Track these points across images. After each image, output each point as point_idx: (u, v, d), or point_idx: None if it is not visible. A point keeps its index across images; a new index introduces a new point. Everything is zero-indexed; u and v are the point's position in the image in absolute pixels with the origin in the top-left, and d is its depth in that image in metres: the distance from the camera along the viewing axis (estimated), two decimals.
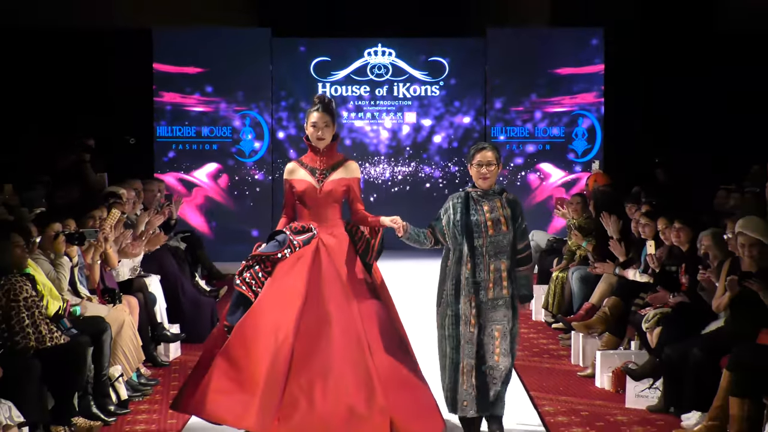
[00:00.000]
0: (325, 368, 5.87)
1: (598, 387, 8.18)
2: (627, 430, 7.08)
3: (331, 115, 6.08)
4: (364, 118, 13.51)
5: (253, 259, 6.03)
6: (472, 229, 6.09)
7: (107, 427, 7.03)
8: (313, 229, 6.13)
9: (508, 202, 6.13)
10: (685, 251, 7.92)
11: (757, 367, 6.11)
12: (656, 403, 7.31)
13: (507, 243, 6.10)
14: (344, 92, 13.22)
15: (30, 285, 6.66)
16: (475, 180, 6.14)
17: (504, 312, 6.11)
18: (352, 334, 5.95)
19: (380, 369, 5.90)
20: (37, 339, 6.43)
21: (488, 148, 6.12)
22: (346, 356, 5.88)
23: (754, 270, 6.59)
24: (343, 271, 6.11)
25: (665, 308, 7.61)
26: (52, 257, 7.32)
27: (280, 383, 5.82)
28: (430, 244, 6.27)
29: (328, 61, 13.26)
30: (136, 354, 7.74)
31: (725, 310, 6.93)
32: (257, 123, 13.18)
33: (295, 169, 6.24)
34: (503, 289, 6.11)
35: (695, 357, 6.73)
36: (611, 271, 8.79)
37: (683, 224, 8.04)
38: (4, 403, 5.59)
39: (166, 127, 13.05)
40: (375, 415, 5.77)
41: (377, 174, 13.43)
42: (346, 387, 5.83)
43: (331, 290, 6.03)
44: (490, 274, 6.09)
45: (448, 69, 13.31)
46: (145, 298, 8.41)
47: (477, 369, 6.12)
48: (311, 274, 6.06)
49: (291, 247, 6.07)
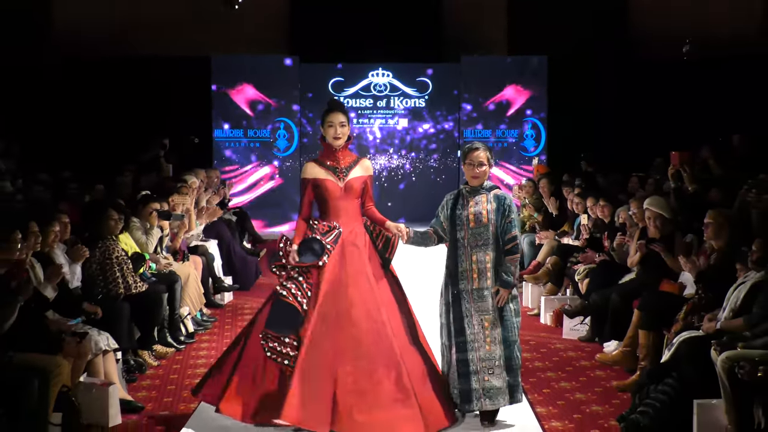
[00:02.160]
0: (358, 358, 5.01)
1: (542, 323, 8.37)
2: (564, 354, 7.23)
3: (345, 115, 5.35)
4: (368, 124, 13.50)
5: (295, 270, 5.16)
6: (457, 222, 5.28)
7: (178, 352, 7.26)
8: (338, 227, 5.25)
9: (495, 197, 5.26)
10: (607, 222, 8.02)
11: (660, 307, 6.43)
12: (585, 334, 7.59)
13: (489, 236, 5.21)
14: (353, 104, 13.38)
15: (120, 247, 6.58)
16: (468, 178, 5.34)
17: (492, 303, 5.19)
18: (383, 319, 5.14)
19: (405, 359, 5.10)
20: (125, 287, 6.64)
21: (481, 149, 5.28)
22: (377, 348, 5.05)
23: (657, 237, 6.92)
24: (367, 266, 5.28)
25: (592, 264, 7.75)
26: (147, 227, 7.38)
27: (319, 375, 4.96)
28: (434, 243, 5.47)
29: (342, 81, 13.44)
30: (199, 298, 8.07)
31: (636, 266, 7.01)
32: (288, 127, 13.24)
33: (314, 167, 5.35)
34: (488, 279, 5.19)
35: (614, 300, 6.99)
36: (552, 237, 8.84)
37: (606, 202, 8.29)
38: (103, 334, 5.83)
39: (221, 130, 13.06)
40: (411, 404, 4.97)
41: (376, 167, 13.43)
42: (381, 378, 4.99)
43: (357, 284, 5.18)
44: (471, 264, 5.20)
45: (432, 87, 13.47)
46: (206, 258, 8.76)
47: (464, 363, 5.18)
48: (339, 269, 5.19)
49: (327, 253, 5.17)
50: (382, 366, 5.02)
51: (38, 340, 5.29)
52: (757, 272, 5.47)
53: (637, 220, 7.41)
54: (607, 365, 6.70)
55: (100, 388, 5.51)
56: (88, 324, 5.93)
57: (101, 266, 6.71)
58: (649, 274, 6.88)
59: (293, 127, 13.62)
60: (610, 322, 6.98)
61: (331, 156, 5.37)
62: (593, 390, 6.16)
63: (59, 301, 5.89)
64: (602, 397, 6.02)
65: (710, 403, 5.12)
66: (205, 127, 13.57)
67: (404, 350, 5.14)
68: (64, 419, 5.07)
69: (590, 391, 6.15)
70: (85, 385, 5.51)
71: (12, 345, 5.05)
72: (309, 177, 5.35)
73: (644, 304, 6.44)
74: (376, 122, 13.78)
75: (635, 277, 7.11)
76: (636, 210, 7.46)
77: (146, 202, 7.86)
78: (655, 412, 5.27)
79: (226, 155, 13.58)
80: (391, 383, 4.99)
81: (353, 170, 5.36)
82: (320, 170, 5.34)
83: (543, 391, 6.12)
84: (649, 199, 7.25)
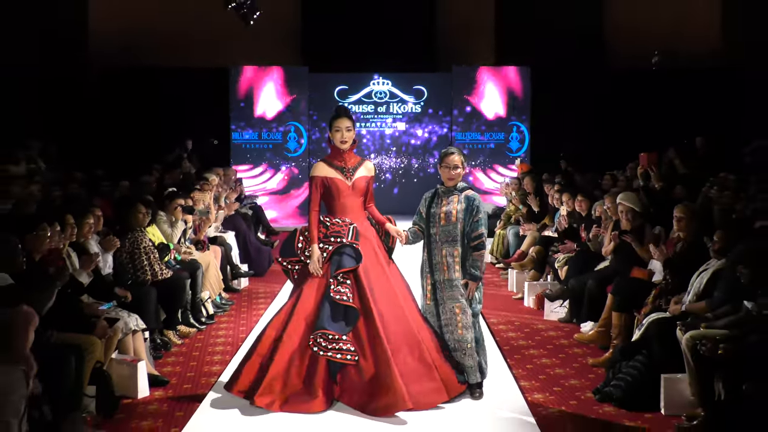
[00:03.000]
0: (396, 333, 4.99)
1: (525, 306, 8.30)
2: (545, 334, 7.22)
3: (351, 121, 5.29)
4: (370, 127, 13.46)
5: (344, 275, 5.03)
6: (431, 219, 5.26)
7: (200, 332, 7.25)
8: (351, 222, 5.20)
9: (465, 197, 5.22)
10: (584, 215, 7.99)
11: (631, 292, 6.46)
12: (564, 316, 7.60)
13: (458, 233, 5.17)
14: (356, 110, 13.31)
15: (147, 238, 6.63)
16: (444, 179, 5.29)
17: (461, 292, 5.17)
18: (402, 305, 5.14)
19: (422, 337, 5.08)
20: (152, 274, 6.67)
21: (456, 154, 5.28)
22: (406, 324, 5.06)
23: (629, 228, 6.94)
24: (378, 255, 5.26)
25: (570, 253, 7.72)
26: (173, 220, 7.44)
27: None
28: (422, 238, 5.34)
29: (346, 88, 13.41)
30: (218, 284, 8.09)
31: (610, 254, 7.01)
32: (298, 130, 13.17)
33: (324, 167, 5.27)
34: (456, 272, 5.17)
35: (590, 286, 7.02)
36: (534, 229, 8.82)
37: (584, 197, 8.22)
38: (132, 316, 5.84)
39: (238, 133, 13.04)
40: (434, 373, 5.01)
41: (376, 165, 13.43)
42: (410, 349, 4.99)
43: (375, 274, 5.15)
44: (442, 257, 5.19)
45: (427, 94, 13.44)
46: (225, 247, 8.74)
47: (447, 341, 5.21)
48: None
49: (361, 256, 5.12)
50: (406, 345, 5.00)
51: (74, 321, 5.30)
52: (718, 260, 5.49)
53: (611, 213, 7.41)
54: (584, 344, 6.69)
55: (129, 364, 5.52)
56: (119, 307, 5.93)
57: (131, 255, 6.73)
58: (621, 262, 6.87)
59: (303, 131, 13.61)
60: (586, 305, 6.98)
61: (339, 157, 5.31)
62: (571, 366, 6.17)
63: (93, 286, 5.91)
64: (579, 372, 6.02)
65: (676, 377, 5.15)
66: (223, 130, 13.58)
67: (419, 329, 5.14)
68: (98, 391, 5.08)
69: (568, 366, 6.15)
70: (117, 362, 5.53)
71: (51, 325, 5.04)
72: (320, 175, 5.27)
73: (617, 288, 6.44)
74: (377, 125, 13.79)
75: (609, 265, 7.10)
76: (610, 204, 7.46)
77: (172, 198, 7.88)
78: (627, 386, 5.32)
79: (242, 156, 13.59)
80: (415, 360, 4.99)
81: (358, 170, 5.31)
82: (330, 170, 5.27)
83: (526, 367, 6.12)
84: (621, 195, 7.23)
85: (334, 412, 4.97)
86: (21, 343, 4.08)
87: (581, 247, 7.87)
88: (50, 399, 4.66)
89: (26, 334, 4.10)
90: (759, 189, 7.37)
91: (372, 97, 13.67)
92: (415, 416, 4.92)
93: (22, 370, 4.09)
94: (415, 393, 4.90)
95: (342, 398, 5.03)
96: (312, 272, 5.16)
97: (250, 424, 4.85)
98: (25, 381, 4.08)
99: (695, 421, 4.86)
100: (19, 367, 4.09)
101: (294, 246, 5.27)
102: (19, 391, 4.04)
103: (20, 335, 4.08)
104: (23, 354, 4.08)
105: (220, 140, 13.43)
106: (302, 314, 5.09)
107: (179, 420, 5.03)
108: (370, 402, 4.90)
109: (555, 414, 5.18)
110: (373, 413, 4.85)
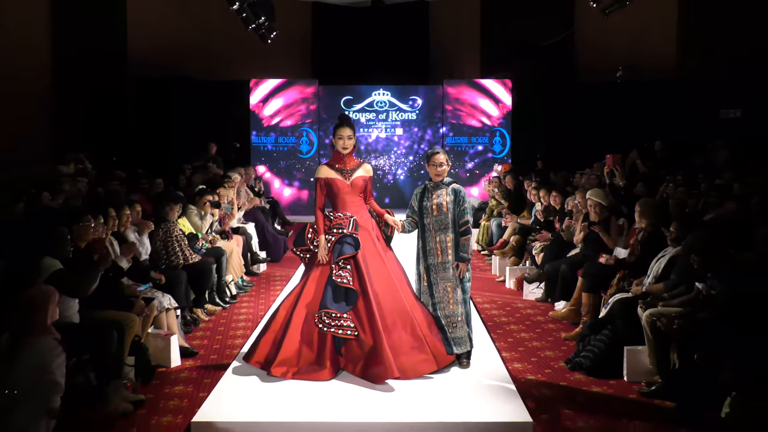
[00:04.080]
0: (382, 317, 4.93)
1: (507, 287, 8.26)
2: (524, 312, 7.22)
3: (352, 129, 5.28)
4: (372, 133, 13.43)
5: (344, 261, 5.00)
6: (424, 211, 5.24)
7: (224, 310, 7.26)
8: (352, 215, 5.16)
9: (452, 190, 5.21)
10: (558, 209, 7.94)
11: (598, 275, 6.45)
12: (540, 296, 7.58)
13: (449, 221, 5.18)
14: (360, 118, 13.22)
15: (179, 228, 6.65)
16: (432, 175, 5.28)
17: (452, 272, 5.18)
18: (397, 287, 5.12)
19: (414, 314, 5.07)
20: (183, 259, 6.66)
21: (440, 153, 5.25)
22: (400, 303, 5.04)
23: (597, 220, 6.91)
24: (376, 244, 5.24)
25: (546, 242, 7.64)
26: (202, 213, 7.36)
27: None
28: (415, 228, 5.34)
29: (351, 98, 13.31)
30: (240, 268, 8.11)
31: (580, 243, 7.01)
32: (309, 135, 13.12)
33: (326, 170, 5.26)
34: (448, 255, 5.16)
35: (563, 270, 7.04)
36: (515, 221, 8.81)
37: (558, 193, 8.16)
38: (166, 296, 5.88)
39: (257, 137, 13.01)
40: (425, 346, 5.01)
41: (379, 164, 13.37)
42: (403, 325, 4.99)
43: (373, 260, 5.12)
44: (436, 244, 5.18)
45: (421, 103, 13.31)
46: (246, 237, 8.68)
47: (437, 319, 5.20)
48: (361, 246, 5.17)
49: (359, 244, 5.11)
50: (399, 322, 5.00)
51: (116, 301, 5.33)
52: (674, 248, 5.50)
53: (581, 207, 7.40)
54: (557, 320, 6.70)
55: (164, 338, 5.54)
56: (155, 288, 5.93)
57: (164, 243, 6.73)
58: (590, 249, 6.86)
59: (313, 135, 13.57)
60: (559, 287, 6.98)
61: (340, 160, 5.28)
62: (546, 339, 6.17)
63: (132, 270, 5.92)
64: (553, 344, 6.03)
65: (637, 348, 5.16)
66: (244, 134, 13.54)
67: (412, 307, 5.12)
68: (137, 361, 5.10)
69: (544, 340, 6.15)
70: (152, 336, 5.54)
71: (95, 305, 5.06)
72: (322, 176, 5.27)
73: (586, 272, 6.44)
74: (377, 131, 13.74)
75: (579, 252, 7.10)
76: (580, 199, 7.45)
77: (201, 195, 7.90)
78: (594, 356, 5.33)
79: (261, 157, 13.55)
80: (408, 335, 4.99)
81: (357, 171, 5.28)
82: (331, 171, 5.26)
83: (507, 341, 6.12)
84: (590, 191, 7.23)
85: (339, 381, 4.95)
86: (43, 317, 4.04)
87: (555, 236, 7.86)
88: (95, 368, 4.69)
89: (46, 309, 4.06)
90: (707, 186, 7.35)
91: (374, 106, 13.60)
92: (410, 384, 4.89)
93: (54, 338, 4.07)
94: (405, 364, 4.90)
95: (347, 367, 5.02)
96: (319, 259, 5.15)
97: (267, 390, 4.85)
98: (61, 348, 4.06)
99: (653, 386, 4.89)
100: (51, 336, 4.07)
101: (305, 237, 5.27)
102: (61, 356, 4.03)
103: (41, 310, 4.04)
104: (46, 326, 4.05)
105: (241, 143, 13.40)
106: (309, 296, 5.10)
107: (206, 386, 5.04)
108: (368, 370, 4.91)
109: (532, 381, 5.19)
110: (371, 379, 4.86)
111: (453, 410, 4.51)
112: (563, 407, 4.71)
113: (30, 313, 4.05)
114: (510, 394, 4.80)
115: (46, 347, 4.00)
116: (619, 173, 8.45)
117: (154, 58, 13.33)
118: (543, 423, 4.46)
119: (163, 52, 13.46)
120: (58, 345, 4.06)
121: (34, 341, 4.00)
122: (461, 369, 5.20)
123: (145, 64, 13.27)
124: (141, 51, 13.22)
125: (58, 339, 4.09)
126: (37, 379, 3.93)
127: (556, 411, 4.65)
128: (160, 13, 13.73)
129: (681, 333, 4.69)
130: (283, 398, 4.70)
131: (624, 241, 6.67)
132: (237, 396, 4.77)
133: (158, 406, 4.75)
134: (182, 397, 4.91)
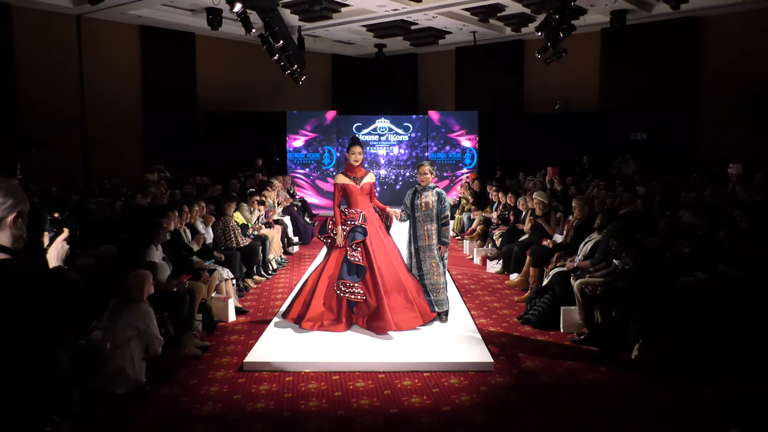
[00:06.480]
0: (383, 285, 4.94)
1: (474, 263, 8.12)
2: (487, 281, 7.12)
3: (362, 147, 5.24)
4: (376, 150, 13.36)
5: (356, 244, 4.96)
6: (415, 207, 5.22)
7: (267, 280, 7.15)
8: (362, 211, 5.11)
9: (436, 193, 5.20)
10: (512, 206, 7.84)
11: (542, 254, 6.36)
12: (499, 270, 7.41)
13: (433, 215, 5.16)
14: (368, 138, 13.15)
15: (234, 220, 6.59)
16: (420, 181, 5.26)
17: (436, 252, 5.16)
18: (394, 263, 5.08)
19: (406, 283, 5.05)
20: (236, 243, 6.60)
21: (426, 165, 5.23)
22: (396, 275, 5.02)
23: (540, 214, 6.81)
24: (379, 232, 5.18)
25: (503, 230, 7.52)
26: (251, 209, 7.29)
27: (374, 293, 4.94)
28: (408, 219, 5.26)
29: (361, 125, 13.20)
30: (279, 249, 7.98)
31: (529, 231, 6.90)
32: (330, 152, 13.04)
33: (342, 177, 5.21)
34: (433, 240, 5.15)
35: (516, 250, 6.97)
36: (480, 215, 8.73)
37: (512, 194, 7.98)
38: (225, 269, 5.90)
39: (292, 153, 12.93)
40: (414, 306, 5.02)
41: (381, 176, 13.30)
42: (398, 291, 5.00)
43: (377, 243, 5.07)
44: (424, 231, 5.17)
45: (412, 128, 13.16)
46: (283, 226, 8.48)
47: (424, 286, 5.18)
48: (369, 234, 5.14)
49: (367, 232, 5.06)
50: (395, 289, 5.00)
51: (188, 273, 5.30)
52: (598, 234, 5.48)
53: (530, 204, 7.39)
54: (512, 287, 6.64)
55: (223, 300, 5.51)
56: (217, 264, 5.91)
57: (223, 231, 6.71)
58: (536, 236, 6.85)
59: (333, 152, 13.49)
60: (513, 263, 6.94)
61: (352, 170, 5.24)
62: (504, 301, 6.12)
63: (200, 251, 5.92)
64: (509, 305, 5.98)
65: (570, 308, 5.13)
66: (281, 151, 13.47)
67: (405, 278, 5.09)
68: (204, 318, 5.08)
69: (502, 302, 6.10)
70: (215, 299, 5.51)
71: (174, 276, 5.06)
72: (339, 182, 5.22)
73: (533, 252, 6.41)
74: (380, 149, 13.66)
75: (528, 237, 7.07)
76: (528, 199, 7.44)
77: (251, 195, 7.88)
78: (539, 314, 5.32)
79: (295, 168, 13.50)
80: (402, 298, 5.00)
81: (365, 179, 5.24)
82: (345, 179, 5.21)
83: (475, 302, 6.08)
84: (536, 193, 7.21)
85: (352, 332, 4.94)
86: (139, 293, 4.06)
87: (510, 226, 7.88)
88: (173, 322, 4.67)
89: (142, 288, 4.07)
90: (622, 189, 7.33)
91: (377, 131, 13.52)
92: (403, 334, 4.89)
93: (149, 305, 4.09)
94: (400, 319, 4.93)
95: (357, 322, 5.01)
96: (338, 244, 5.12)
97: (299, 338, 4.82)
98: (153, 312, 4.07)
99: (582, 336, 4.87)
100: (146, 304, 4.09)
101: (326, 227, 5.26)
102: (154, 318, 4.06)
103: (137, 289, 4.05)
104: (142, 299, 4.08)
105: (280, 158, 13.34)
106: (330, 270, 5.10)
107: (255, 335, 5.01)
108: (372, 323, 4.92)
109: (493, 332, 5.16)
110: (375, 331, 4.87)
111: (435, 353, 4.49)
112: (516, 351, 4.69)
113: (134, 287, 4.06)
114: (477, 342, 4.77)
115: (145, 312, 4.03)
116: (557, 180, 8.43)
117: (216, 94, 13.27)
118: (502, 362, 4.44)
119: (222, 89, 13.40)
120: (151, 310, 4.07)
121: (135, 307, 4.02)
122: (441, 323, 5.17)
123: (209, 98, 13.20)
124: (206, 88, 13.18)
125: (150, 306, 4.11)
126: (133, 333, 3.95)
127: (512, 354, 4.64)
128: (221, 62, 13.59)
129: (603, 297, 4.68)
130: (310, 344, 4.69)
131: (560, 229, 6.65)
132: (277, 342, 4.74)
133: (219, 351, 4.73)
134: (237, 343, 4.89)
